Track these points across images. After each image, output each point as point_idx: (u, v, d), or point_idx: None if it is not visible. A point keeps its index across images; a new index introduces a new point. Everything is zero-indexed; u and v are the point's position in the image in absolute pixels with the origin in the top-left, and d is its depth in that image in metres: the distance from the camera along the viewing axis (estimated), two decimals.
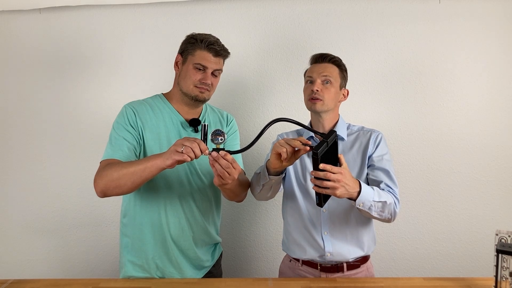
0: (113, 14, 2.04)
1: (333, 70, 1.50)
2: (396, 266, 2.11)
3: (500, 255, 1.24)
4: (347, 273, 1.49)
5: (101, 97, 2.07)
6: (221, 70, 1.52)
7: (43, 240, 2.16)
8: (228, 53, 1.53)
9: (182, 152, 1.21)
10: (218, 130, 1.26)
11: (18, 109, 2.11)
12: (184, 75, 1.48)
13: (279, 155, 1.30)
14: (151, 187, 1.47)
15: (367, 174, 1.49)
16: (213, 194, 1.57)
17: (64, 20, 2.05)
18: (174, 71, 1.55)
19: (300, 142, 1.27)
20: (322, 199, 1.27)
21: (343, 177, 1.23)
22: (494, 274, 1.26)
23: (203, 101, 1.51)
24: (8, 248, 2.17)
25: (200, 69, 1.46)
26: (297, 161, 1.54)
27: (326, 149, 1.22)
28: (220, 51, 1.48)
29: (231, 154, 1.24)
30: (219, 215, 1.65)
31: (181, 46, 1.53)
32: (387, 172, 1.47)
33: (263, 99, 2.07)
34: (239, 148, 1.64)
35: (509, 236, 1.25)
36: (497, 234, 1.27)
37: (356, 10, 1.99)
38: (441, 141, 2.03)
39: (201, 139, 1.26)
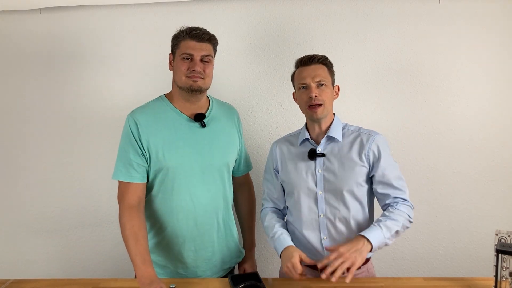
0: (112, 14, 2.03)
1: (323, 71, 1.48)
2: (396, 266, 2.11)
3: (500, 255, 1.24)
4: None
5: (101, 97, 2.07)
6: (210, 55, 1.49)
7: (43, 240, 2.16)
8: (214, 38, 1.51)
9: None
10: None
11: (18, 109, 2.11)
12: (175, 70, 1.49)
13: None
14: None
15: (375, 188, 1.48)
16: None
17: (64, 20, 2.04)
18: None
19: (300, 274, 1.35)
20: None
21: (345, 252, 1.29)
22: (494, 274, 1.26)
23: (199, 90, 1.48)
24: (8, 248, 2.17)
25: (187, 59, 1.45)
26: (295, 169, 1.54)
27: None
28: (203, 35, 1.46)
29: None
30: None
31: (171, 46, 1.55)
32: (395, 179, 1.46)
33: (263, 99, 2.06)
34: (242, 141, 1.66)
35: (509, 236, 1.26)
36: (497, 234, 1.27)
37: (356, 10, 1.99)
38: (441, 141, 2.03)
39: None
